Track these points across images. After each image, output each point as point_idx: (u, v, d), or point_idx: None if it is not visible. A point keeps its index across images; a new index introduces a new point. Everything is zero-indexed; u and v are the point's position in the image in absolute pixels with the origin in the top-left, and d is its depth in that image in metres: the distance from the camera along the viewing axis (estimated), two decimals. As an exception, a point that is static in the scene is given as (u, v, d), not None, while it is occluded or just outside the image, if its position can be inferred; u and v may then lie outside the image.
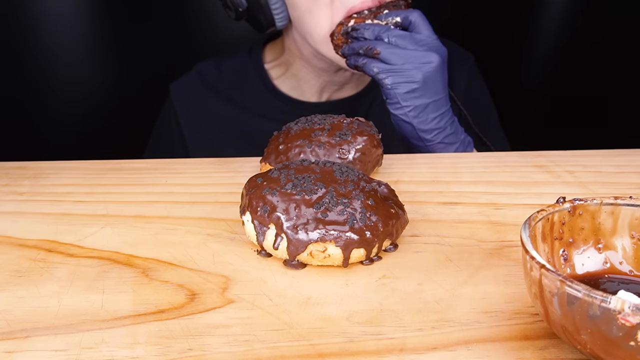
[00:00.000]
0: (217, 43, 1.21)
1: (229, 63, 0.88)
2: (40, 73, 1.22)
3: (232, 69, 0.88)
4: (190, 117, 0.88)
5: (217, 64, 0.89)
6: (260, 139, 0.83)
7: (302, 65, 0.83)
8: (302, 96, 0.86)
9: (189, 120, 0.88)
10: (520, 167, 0.56)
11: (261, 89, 0.86)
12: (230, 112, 0.86)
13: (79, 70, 1.24)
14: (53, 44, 1.21)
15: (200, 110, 0.88)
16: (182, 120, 0.87)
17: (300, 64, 0.83)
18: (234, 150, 0.73)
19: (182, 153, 0.87)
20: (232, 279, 0.37)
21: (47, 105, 1.25)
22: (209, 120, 0.87)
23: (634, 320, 0.24)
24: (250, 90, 0.86)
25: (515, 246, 0.41)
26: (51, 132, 1.25)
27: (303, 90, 0.85)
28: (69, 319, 0.33)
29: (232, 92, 0.87)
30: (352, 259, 0.38)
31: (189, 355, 0.30)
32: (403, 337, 0.31)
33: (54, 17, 1.20)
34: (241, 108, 0.86)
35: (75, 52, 1.22)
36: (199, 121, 0.87)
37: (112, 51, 1.25)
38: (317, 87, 0.84)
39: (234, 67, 0.88)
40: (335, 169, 0.41)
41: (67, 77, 1.24)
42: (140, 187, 0.54)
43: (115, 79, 1.25)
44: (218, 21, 1.20)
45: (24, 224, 0.46)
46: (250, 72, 0.87)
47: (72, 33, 1.21)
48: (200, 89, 0.88)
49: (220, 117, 0.87)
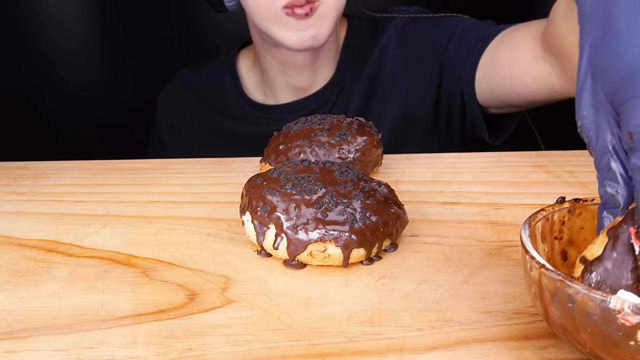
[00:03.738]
0: (216, 40, 1.21)
1: (208, 69, 0.90)
2: (40, 73, 1.22)
3: (211, 74, 0.89)
4: (170, 121, 0.90)
5: (198, 70, 0.91)
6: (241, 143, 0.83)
7: (264, 57, 0.82)
8: (275, 100, 0.85)
9: (169, 126, 0.90)
10: (520, 167, 0.56)
11: (235, 94, 0.87)
12: (209, 117, 0.88)
13: (80, 70, 1.24)
14: (53, 44, 1.21)
15: (179, 114, 0.90)
16: (163, 125, 0.90)
17: (265, 59, 0.82)
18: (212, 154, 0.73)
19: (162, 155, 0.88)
20: (232, 279, 0.37)
21: (48, 105, 1.25)
22: (187, 124, 0.89)
23: (634, 320, 0.24)
24: (226, 96, 0.87)
25: (515, 246, 0.41)
26: (51, 132, 1.25)
27: (276, 95, 0.85)
28: (69, 319, 0.33)
29: (210, 97, 0.88)
30: (352, 259, 0.38)
31: (189, 355, 0.30)
32: (403, 337, 0.31)
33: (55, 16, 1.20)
34: (219, 113, 0.87)
35: (76, 51, 1.23)
36: (179, 126, 0.90)
37: (113, 51, 1.25)
38: (284, 83, 0.83)
39: (212, 73, 0.89)
40: (335, 169, 0.41)
41: (67, 77, 1.24)
42: (140, 187, 0.54)
43: (116, 79, 1.25)
44: (218, 18, 1.20)
45: (24, 224, 0.46)
46: (225, 78, 0.87)
47: (72, 32, 1.21)
48: (181, 95, 0.90)
49: (200, 122, 0.88)
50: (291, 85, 0.83)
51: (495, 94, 0.72)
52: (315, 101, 0.83)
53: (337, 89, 0.82)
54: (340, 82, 0.82)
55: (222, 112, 0.87)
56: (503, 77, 0.69)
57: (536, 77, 0.64)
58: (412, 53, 0.80)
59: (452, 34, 0.77)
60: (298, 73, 0.81)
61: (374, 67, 0.81)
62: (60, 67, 1.23)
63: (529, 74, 0.64)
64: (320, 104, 0.83)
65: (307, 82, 0.82)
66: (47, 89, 1.23)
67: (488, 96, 0.73)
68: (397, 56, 0.80)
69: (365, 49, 0.82)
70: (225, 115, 0.87)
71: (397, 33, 0.81)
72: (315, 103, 0.83)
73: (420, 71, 0.79)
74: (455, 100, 0.76)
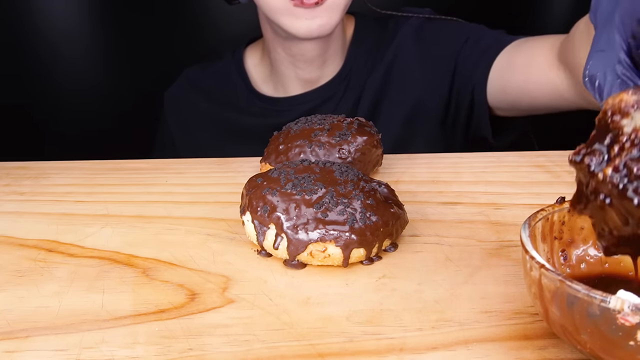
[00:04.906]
0: (217, 41, 1.21)
1: (215, 66, 0.91)
2: (40, 73, 1.22)
3: (218, 72, 0.90)
4: (179, 120, 0.91)
5: (204, 68, 0.92)
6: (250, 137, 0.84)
7: (274, 49, 0.83)
8: (285, 93, 0.87)
9: (177, 124, 0.91)
10: (520, 167, 0.56)
11: (243, 90, 0.88)
12: (218, 113, 0.89)
13: (81, 69, 1.24)
14: (54, 43, 1.21)
15: (188, 112, 0.91)
16: (171, 123, 0.92)
17: (275, 52, 0.83)
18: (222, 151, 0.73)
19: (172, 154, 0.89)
20: (232, 278, 0.37)
21: (48, 105, 1.25)
22: (196, 122, 0.90)
23: (634, 320, 0.24)
24: (234, 91, 0.88)
25: (515, 246, 0.41)
26: (52, 132, 1.25)
27: (286, 87, 0.86)
28: (69, 319, 0.33)
29: (218, 93, 0.89)
30: (352, 259, 0.38)
31: (189, 355, 0.30)
32: (403, 337, 0.31)
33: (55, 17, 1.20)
34: (227, 108, 0.88)
35: (77, 51, 1.22)
36: (188, 123, 0.91)
37: (114, 51, 1.25)
38: (294, 76, 0.84)
39: (219, 70, 0.90)
40: (335, 169, 0.41)
41: (68, 77, 1.24)
42: (140, 187, 0.54)
43: (117, 79, 1.25)
44: (218, 19, 1.20)
45: (24, 224, 0.46)
46: (233, 74, 0.89)
47: (72, 32, 1.21)
48: (188, 93, 0.91)
49: (208, 118, 0.89)
50: (300, 77, 0.84)
51: (508, 94, 0.75)
52: (322, 94, 0.84)
53: (344, 81, 0.84)
54: (348, 75, 0.84)
55: (230, 107, 0.88)
56: (518, 79, 0.72)
57: (549, 83, 0.67)
58: (429, 51, 0.82)
59: (468, 36, 0.80)
60: (307, 65, 0.83)
61: (389, 63, 0.83)
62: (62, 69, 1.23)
63: (543, 79, 0.68)
64: (328, 96, 0.84)
65: (316, 74, 0.84)
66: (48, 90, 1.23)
67: (499, 96, 0.76)
68: (413, 53, 0.83)
69: (379, 45, 0.84)
70: (233, 110, 0.88)
71: (413, 31, 0.83)
72: (322, 95, 0.84)
73: (434, 69, 0.81)
74: (465, 99, 0.78)
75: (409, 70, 0.82)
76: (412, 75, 0.82)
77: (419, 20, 0.84)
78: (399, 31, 0.84)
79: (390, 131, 0.80)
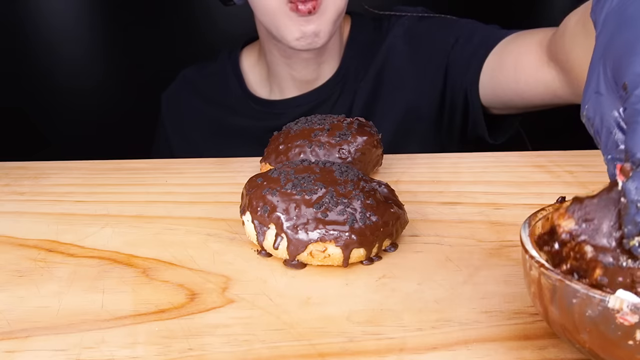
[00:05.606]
0: (217, 41, 1.21)
1: (211, 67, 0.91)
2: (40, 73, 1.22)
3: (214, 73, 0.90)
4: (176, 121, 0.91)
5: (200, 68, 0.92)
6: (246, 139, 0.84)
7: (270, 51, 0.83)
8: (281, 95, 0.86)
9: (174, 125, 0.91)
10: (520, 167, 0.56)
11: (238, 92, 0.88)
12: (214, 114, 0.89)
13: (80, 69, 1.24)
14: (54, 43, 1.21)
15: (185, 113, 0.91)
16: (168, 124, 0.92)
17: (271, 54, 0.83)
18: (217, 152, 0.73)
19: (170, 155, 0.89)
20: (232, 278, 0.37)
21: (48, 105, 1.24)
22: (193, 123, 0.90)
23: (633, 319, 0.24)
24: (230, 92, 0.88)
25: (515, 246, 0.41)
26: (51, 132, 1.25)
27: (282, 89, 0.86)
28: (69, 319, 0.33)
29: (214, 95, 0.89)
30: (352, 259, 0.38)
31: (189, 355, 0.30)
32: (403, 337, 0.31)
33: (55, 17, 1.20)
34: (223, 110, 0.88)
35: (77, 51, 1.23)
36: (184, 124, 0.91)
37: (113, 51, 1.25)
38: (289, 77, 0.84)
39: (215, 71, 0.90)
40: (335, 169, 0.41)
41: (68, 77, 1.24)
42: (140, 187, 0.54)
43: (116, 79, 1.25)
44: (218, 19, 1.21)
45: (24, 224, 0.46)
46: (229, 75, 0.89)
47: (72, 32, 1.21)
48: (185, 94, 0.91)
49: (205, 119, 0.89)
50: (297, 78, 0.84)
51: (499, 96, 0.74)
52: (318, 95, 0.84)
53: (340, 83, 0.84)
54: (344, 76, 0.84)
55: (225, 109, 0.88)
56: (508, 80, 0.71)
57: (540, 82, 0.66)
58: (419, 52, 0.81)
59: (458, 36, 0.78)
60: (303, 67, 0.82)
61: (381, 64, 0.82)
62: (62, 69, 1.23)
63: (534, 79, 0.66)
64: (324, 97, 0.84)
65: (312, 76, 0.84)
66: (48, 90, 1.23)
67: (491, 97, 0.75)
68: (404, 54, 0.82)
69: (372, 46, 0.83)
70: (229, 112, 0.88)
71: (404, 31, 0.83)
72: (318, 97, 0.84)
73: (426, 70, 0.81)
74: (458, 100, 0.78)
75: (400, 73, 0.82)
76: (403, 78, 0.82)
77: (410, 19, 0.83)
78: (390, 32, 0.83)
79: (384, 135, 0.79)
